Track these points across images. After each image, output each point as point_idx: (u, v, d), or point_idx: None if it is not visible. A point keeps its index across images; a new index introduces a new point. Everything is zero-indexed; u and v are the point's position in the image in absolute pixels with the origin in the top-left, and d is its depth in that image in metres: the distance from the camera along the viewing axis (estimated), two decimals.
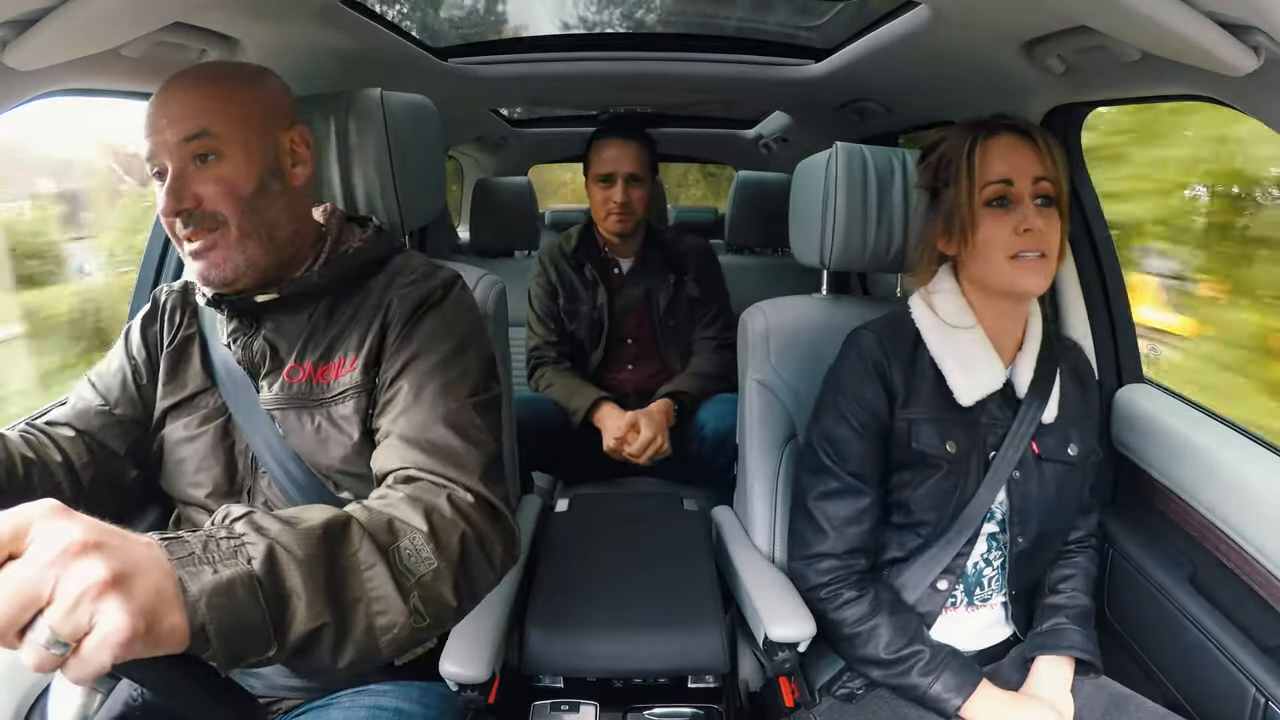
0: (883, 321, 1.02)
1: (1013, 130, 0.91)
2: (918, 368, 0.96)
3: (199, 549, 0.50)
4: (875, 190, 1.16)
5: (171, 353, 0.91)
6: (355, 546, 0.59)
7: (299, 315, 0.87)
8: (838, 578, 0.97)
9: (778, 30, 1.72)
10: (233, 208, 0.79)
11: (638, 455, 1.58)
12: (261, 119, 0.82)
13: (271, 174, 0.82)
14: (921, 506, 0.95)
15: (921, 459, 0.95)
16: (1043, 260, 0.89)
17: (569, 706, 1.02)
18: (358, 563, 0.59)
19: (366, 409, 0.83)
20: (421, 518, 0.65)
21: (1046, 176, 0.90)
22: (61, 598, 0.40)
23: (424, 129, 1.13)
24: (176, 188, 0.77)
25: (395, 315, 0.84)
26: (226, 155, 0.79)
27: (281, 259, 0.85)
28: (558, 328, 1.82)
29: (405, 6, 1.59)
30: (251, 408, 0.86)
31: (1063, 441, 0.98)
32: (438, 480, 0.73)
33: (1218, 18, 0.68)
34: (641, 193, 1.75)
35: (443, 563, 0.64)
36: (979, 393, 0.94)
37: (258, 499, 0.86)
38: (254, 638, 0.51)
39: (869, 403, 0.96)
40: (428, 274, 0.89)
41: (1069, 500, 0.99)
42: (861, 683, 0.99)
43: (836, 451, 0.98)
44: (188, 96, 0.79)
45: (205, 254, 0.80)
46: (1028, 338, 0.98)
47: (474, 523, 0.70)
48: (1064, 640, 0.97)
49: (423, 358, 0.82)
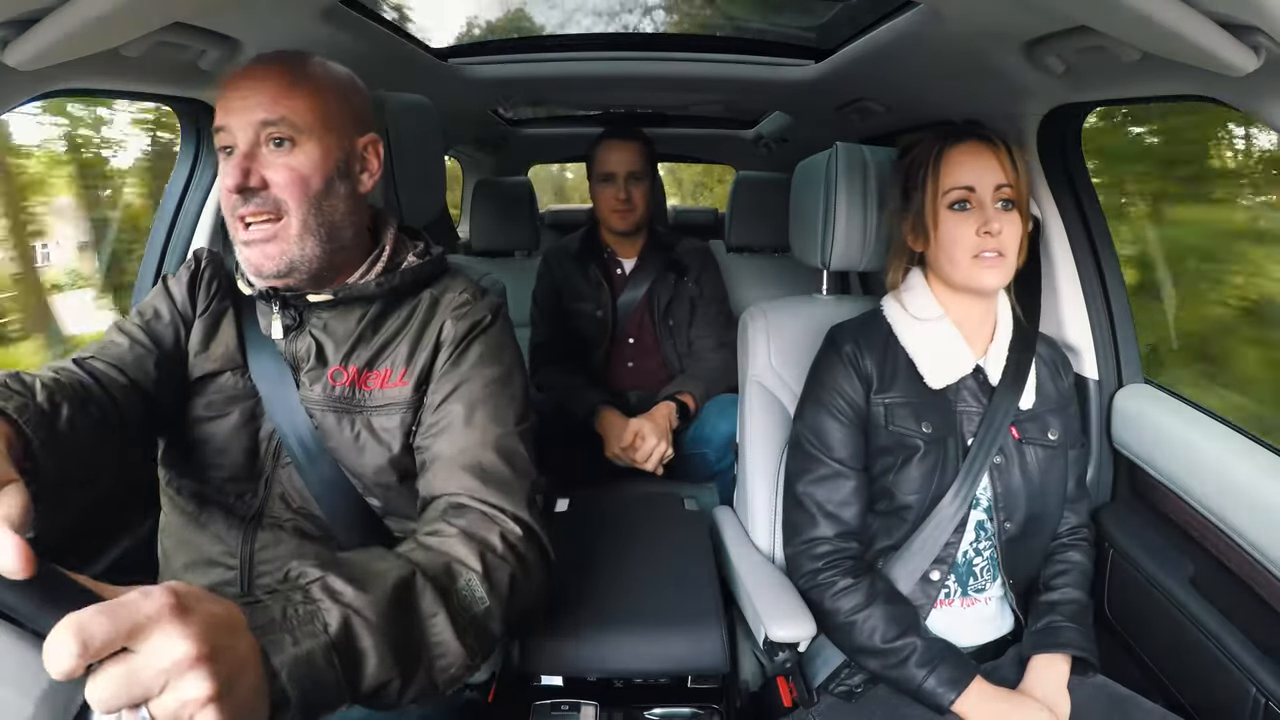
0: (857, 320, 1.10)
1: (979, 138, 0.97)
2: (890, 357, 1.03)
3: (279, 615, 0.53)
4: (875, 190, 1.17)
5: (204, 322, 0.90)
6: (419, 598, 0.62)
7: (348, 319, 0.88)
8: (831, 562, 1.00)
9: (778, 30, 1.72)
10: (299, 199, 0.80)
11: (644, 463, 1.58)
12: (341, 120, 0.83)
13: (341, 176, 0.83)
14: (904, 490, 0.99)
15: (899, 441, 1.00)
16: (1001, 259, 0.96)
17: (569, 706, 1.02)
18: (422, 614, 0.62)
19: (410, 425, 0.85)
20: (476, 557, 0.69)
21: (1008, 183, 0.96)
22: (167, 702, 0.43)
23: (424, 129, 1.13)
24: (245, 165, 0.78)
25: (448, 338, 0.86)
26: (301, 146, 0.80)
27: (336, 261, 0.85)
28: (561, 326, 1.85)
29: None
30: (286, 396, 0.86)
31: (1042, 426, 1.02)
32: (489, 509, 0.76)
33: (1218, 18, 0.68)
34: (642, 190, 1.80)
35: (494, 601, 0.69)
36: (949, 376, 1.00)
37: (275, 488, 0.86)
38: (328, 696, 0.54)
39: (845, 391, 1.03)
40: (478, 295, 0.92)
41: (1053, 485, 1.02)
42: (860, 680, 0.99)
43: (820, 440, 1.03)
44: (275, 81, 0.79)
45: (262, 244, 0.80)
46: (998, 329, 1.04)
47: (521, 555, 0.75)
48: (1058, 638, 0.97)
49: (473, 382, 0.85)
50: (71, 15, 0.70)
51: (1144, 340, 1.29)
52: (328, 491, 0.85)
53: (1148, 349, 1.55)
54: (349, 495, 0.85)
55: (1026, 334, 1.05)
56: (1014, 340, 1.04)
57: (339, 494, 0.85)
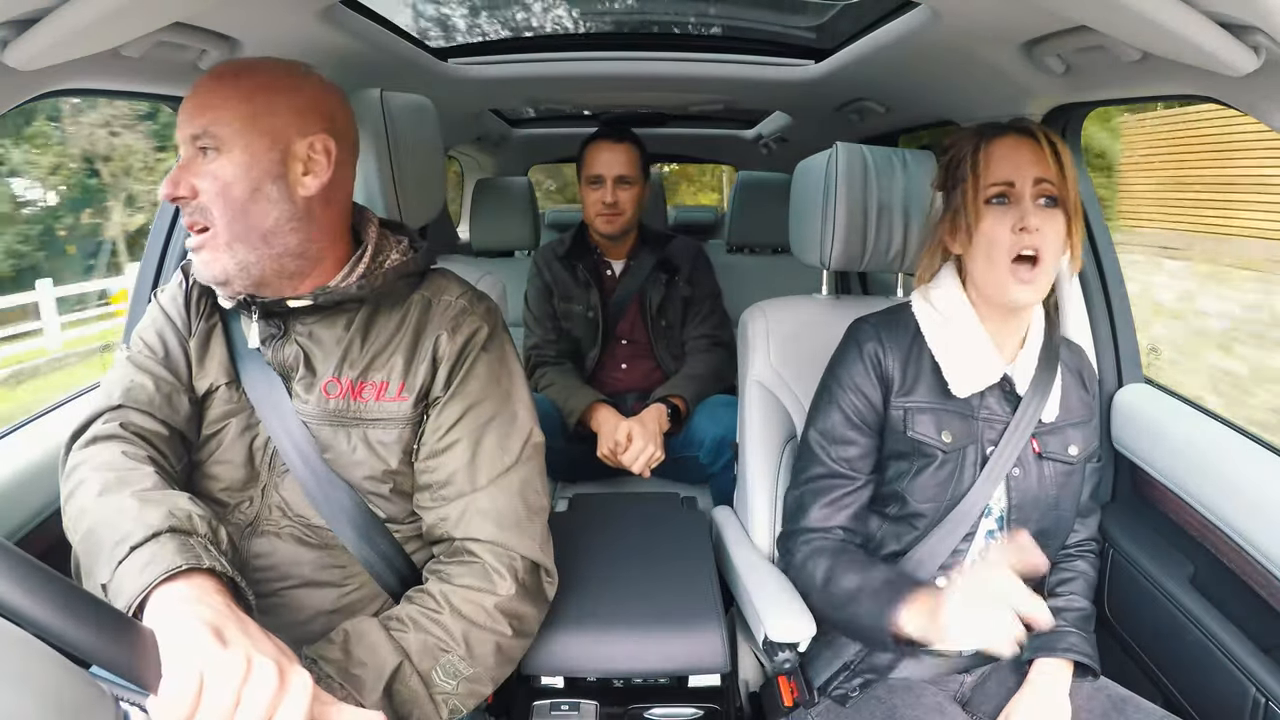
0: (882, 314, 1.03)
1: (1020, 132, 0.92)
2: (915, 358, 0.98)
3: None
4: (875, 190, 1.16)
5: (198, 340, 0.90)
6: (408, 681, 0.75)
7: (334, 325, 0.87)
8: (817, 549, 0.98)
9: (778, 30, 1.72)
10: (222, 208, 0.78)
11: (631, 465, 1.58)
12: (273, 123, 0.79)
13: (272, 179, 0.80)
14: (917, 497, 0.96)
15: (917, 448, 0.96)
16: (1037, 267, 0.89)
17: (569, 706, 1.02)
18: (410, 692, 0.75)
19: (410, 443, 0.86)
20: (460, 636, 0.79)
21: (1048, 178, 0.90)
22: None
23: (424, 129, 1.13)
24: (177, 175, 0.79)
25: (445, 354, 0.86)
26: (225, 154, 0.78)
27: (287, 269, 0.83)
28: (554, 327, 1.84)
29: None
30: (279, 407, 0.86)
31: (1063, 441, 0.98)
32: (493, 560, 0.82)
33: (1218, 18, 0.68)
34: (630, 195, 1.77)
35: (479, 669, 0.79)
36: (976, 384, 0.95)
37: (271, 497, 0.86)
38: None
39: (863, 392, 0.98)
40: (473, 303, 0.90)
41: (1068, 501, 1.00)
42: (859, 683, 0.99)
43: (829, 439, 1.00)
44: (205, 91, 0.80)
45: (198, 251, 0.81)
46: (1030, 337, 0.99)
47: (517, 616, 0.83)
48: (1062, 642, 0.96)
49: (478, 408, 0.85)
50: (71, 15, 0.70)
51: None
52: (324, 493, 0.84)
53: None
54: (345, 497, 0.85)
55: (1054, 343, 1.01)
56: (1044, 349, 0.99)
57: (335, 497, 0.85)
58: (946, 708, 0.94)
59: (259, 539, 0.85)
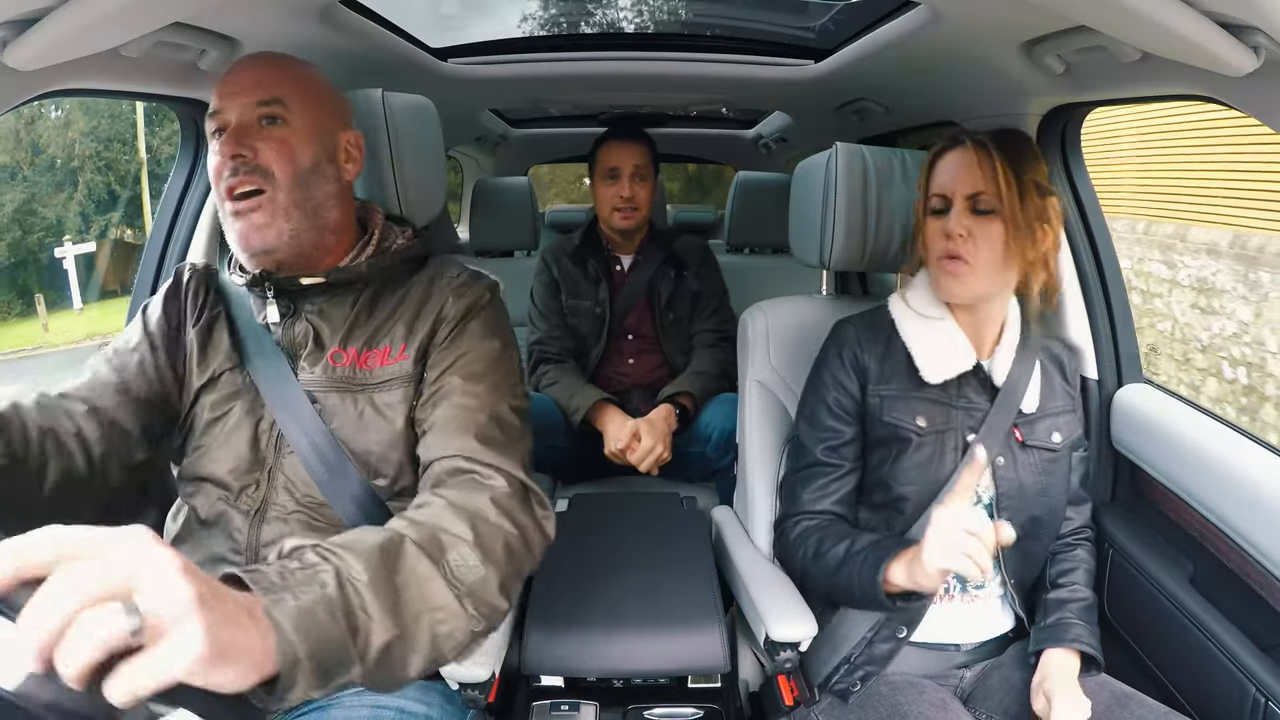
0: (862, 314, 1.11)
1: (975, 144, 0.96)
2: (891, 352, 1.04)
3: (276, 578, 0.53)
4: (875, 190, 1.17)
5: (200, 333, 0.92)
6: (412, 564, 0.63)
7: (342, 304, 0.90)
8: (806, 528, 1.03)
9: (778, 30, 1.72)
10: (286, 171, 0.84)
11: (639, 464, 1.59)
12: (328, 110, 0.90)
13: (328, 159, 0.88)
14: (900, 480, 1.00)
15: (894, 433, 1.01)
16: (963, 266, 0.95)
17: (569, 706, 1.02)
18: (418, 576, 0.63)
19: (412, 399, 0.87)
20: (467, 526, 0.70)
21: (982, 191, 0.95)
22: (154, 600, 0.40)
23: (424, 129, 1.13)
24: (238, 135, 0.82)
25: (448, 314, 0.89)
26: (291, 125, 0.85)
27: (323, 243, 0.89)
28: (560, 323, 1.85)
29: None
30: (284, 385, 0.87)
31: (1046, 429, 1.03)
32: (483, 469, 0.78)
33: (1218, 18, 0.68)
34: (645, 190, 1.81)
35: (490, 568, 0.69)
36: (946, 371, 1.00)
37: (278, 479, 0.86)
38: (338, 655, 0.54)
39: (842, 385, 1.05)
40: (475, 277, 0.95)
41: (1056, 488, 1.03)
42: (859, 677, 0.99)
43: (815, 431, 1.06)
44: (270, 67, 0.86)
45: (249, 214, 0.83)
46: (1005, 333, 1.03)
47: (515, 518, 0.75)
48: (1069, 634, 0.97)
49: (472, 355, 0.87)
50: (71, 15, 0.70)
51: None
52: (329, 473, 0.85)
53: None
54: (350, 476, 0.85)
55: (1030, 336, 1.05)
56: (1020, 343, 1.04)
57: (340, 476, 0.85)
58: (949, 703, 0.94)
59: (268, 525, 0.86)
